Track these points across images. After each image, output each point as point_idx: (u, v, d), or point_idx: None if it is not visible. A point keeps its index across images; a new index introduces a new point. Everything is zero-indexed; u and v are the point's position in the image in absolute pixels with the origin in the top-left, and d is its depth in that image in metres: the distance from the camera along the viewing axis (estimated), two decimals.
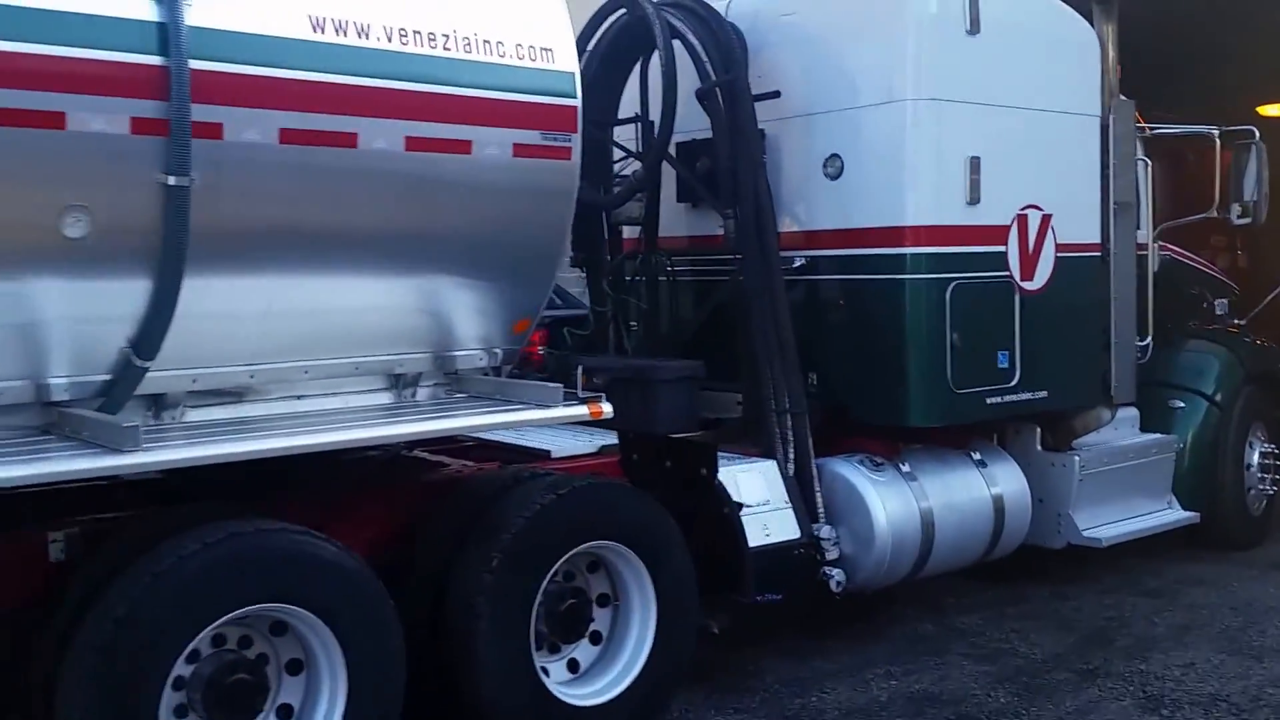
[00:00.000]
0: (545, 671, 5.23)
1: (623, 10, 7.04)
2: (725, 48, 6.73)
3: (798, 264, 6.98)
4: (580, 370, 5.10)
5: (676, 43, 6.80)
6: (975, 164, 6.66)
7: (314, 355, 4.71)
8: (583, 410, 5.00)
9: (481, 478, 5.43)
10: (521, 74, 4.87)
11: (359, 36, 4.40)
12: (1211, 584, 8.00)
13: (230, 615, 4.17)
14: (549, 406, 4.96)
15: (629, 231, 7.86)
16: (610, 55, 7.29)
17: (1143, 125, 8.56)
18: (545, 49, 4.95)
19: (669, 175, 7.47)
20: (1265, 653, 6.62)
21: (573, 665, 5.36)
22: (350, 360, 4.83)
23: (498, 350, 5.36)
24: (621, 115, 7.59)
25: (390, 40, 4.49)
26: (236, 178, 4.19)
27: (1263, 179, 8.49)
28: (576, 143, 5.09)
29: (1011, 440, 7.78)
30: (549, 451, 6.10)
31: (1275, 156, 18.55)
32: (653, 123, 7.26)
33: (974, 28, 6.60)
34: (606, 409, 5.06)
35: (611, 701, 5.21)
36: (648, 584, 5.33)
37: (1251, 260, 14.56)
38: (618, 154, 7.58)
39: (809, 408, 6.68)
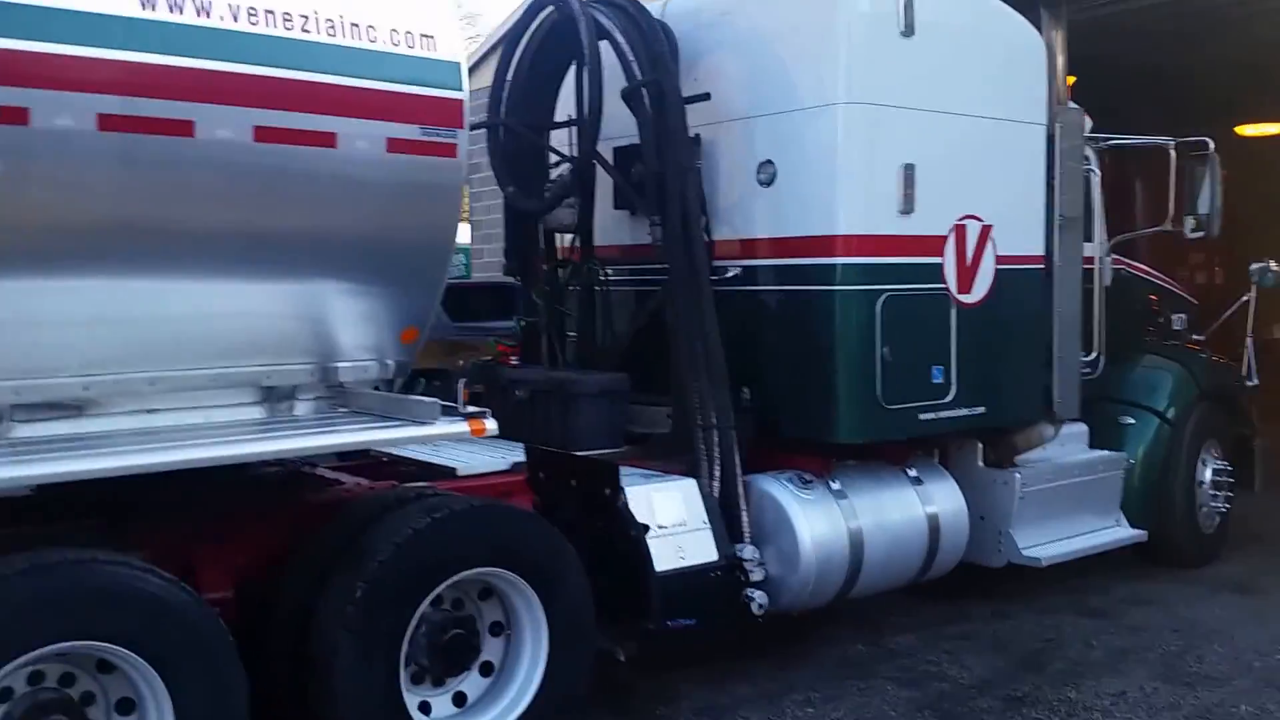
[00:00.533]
0: (427, 707, 4.53)
1: (551, 8, 6.33)
2: (653, 47, 6.02)
3: (731, 274, 6.26)
4: (462, 384, 4.38)
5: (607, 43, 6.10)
6: (909, 172, 5.93)
7: (160, 365, 4.00)
8: (463, 427, 4.28)
9: (365, 499, 4.71)
10: (395, 62, 4.15)
11: (198, 15, 3.70)
12: (1157, 604, 7.25)
13: (34, 653, 3.47)
14: (425, 423, 4.24)
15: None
16: (541, 56, 6.59)
17: (1096, 136, 7.84)
18: (425, 36, 4.23)
19: (607, 181, 6.76)
20: (1200, 680, 5.88)
21: (460, 699, 4.64)
22: (205, 371, 4.13)
23: (389, 362, 4.67)
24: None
25: (236, 20, 3.79)
26: (47, 168, 3.50)
27: (1216, 192, 7.72)
28: (463, 139, 4.37)
29: (954, 456, 7.03)
30: (455, 469, 5.39)
31: (1253, 175, 17.94)
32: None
33: (909, 30, 5.87)
34: (490, 426, 4.35)
35: None
36: (539, 612, 4.62)
37: (1228, 276, 13.94)
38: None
39: (740, 423, 5.97)
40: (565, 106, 6.83)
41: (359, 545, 4.27)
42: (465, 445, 5.96)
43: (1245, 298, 9.00)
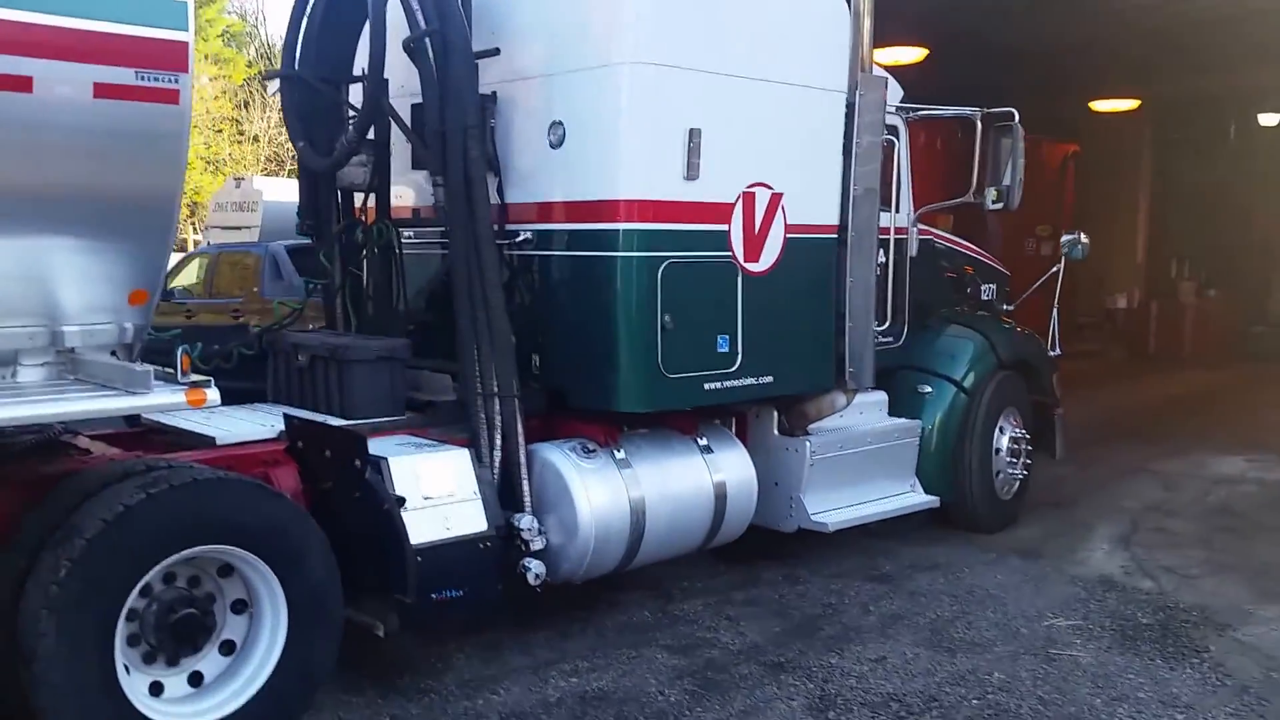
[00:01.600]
0: (159, 688, 4.27)
1: None
2: None
3: (523, 238, 6.05)
4: (181, 352, 4.08)
5: None
6: (695, 136, 5.78)
7: None
8: (178, 398, 4.00)
9: (88, 472, 4.38)
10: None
11: None
12: (944, 569, 7.33)
13: None
14: (137, 394, 3.94)
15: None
16: (332, 6, 6.23)
17: (906, 105, 7.84)
18: None
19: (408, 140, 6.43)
20: (962, 647, 5.95)
21: (196, 678, 4.40)
22: None
23: (126, 325, 4.35)
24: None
25: None
26: None
27: (1018, 165, 7.75)
28: (186, 84, 4.04)
29: (751, 424, 7.03)
30: (214, 438, 5.10)
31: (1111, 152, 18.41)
32: (386, 80, 6.20)
33: None
34: (211, 396, 4.07)
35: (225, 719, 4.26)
36: (277, 590, 4.39)
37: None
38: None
39: (527, 391, 5.81)
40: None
41: (74, 524, 3.96)
42: (244, 412, 5.71)
43: (1054, 269, 9.14)
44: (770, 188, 6.24)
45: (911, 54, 14.93)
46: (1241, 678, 5.57)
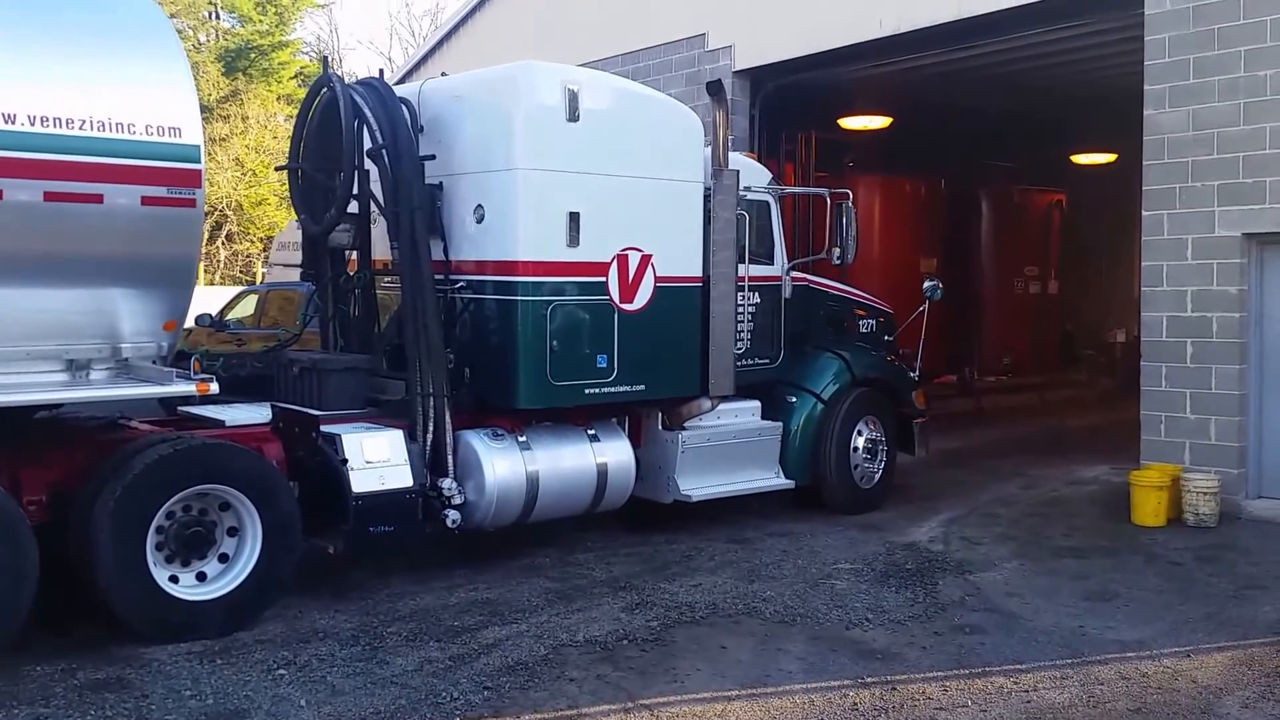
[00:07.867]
0: (176, 579, 6.26)
1: (326, 88, 8.03)
2: (392, 118, 7.72)
3: (459, 285, 7.98)
4: (194, 359, 6.09)
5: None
6: (574, 218, 7.71)
7: None
8: (190, 387, 5.99)
9: (140, 438, 6.41)
10: (148, 146, 5.85)
11: (4, 122, 5.40)
12: (795, 536, 8.90)
13: None
14: (164, 384, 5.97)
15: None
16: (324, 120, 8.22)
17: (775, 188, 9.66)
18: (174, 128, 5.93)
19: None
20: (761, 579, 7.59)
21: (202, 576, 6.38)
22: (20, 348, 5.81)
23: (162, 344, 6.37)
24: None
25: (33, 124, 5.47)
26: None
27: (851, 230, 9.54)
28: (200, 195, 6.06)
29: (645, 422, 8.87)
30: (224, 421, 7.11)
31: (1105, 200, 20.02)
32: (367, 171, 8.16)
33: (573, 117, 7.63)
34: (213, 387, 6.06)
35: (216, 598, 6.27)
36: (256, 516, 6.36)
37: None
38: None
39: (457, 393, 7.72)
40: None
41: (126, 465, 5.99)
42: (251, 406, 7.68)
43: (920, 309, 10.78)
44: (641, 250, 8.12)
45: (877, 121, 16.72)
46: (941, 599, 7.19)
